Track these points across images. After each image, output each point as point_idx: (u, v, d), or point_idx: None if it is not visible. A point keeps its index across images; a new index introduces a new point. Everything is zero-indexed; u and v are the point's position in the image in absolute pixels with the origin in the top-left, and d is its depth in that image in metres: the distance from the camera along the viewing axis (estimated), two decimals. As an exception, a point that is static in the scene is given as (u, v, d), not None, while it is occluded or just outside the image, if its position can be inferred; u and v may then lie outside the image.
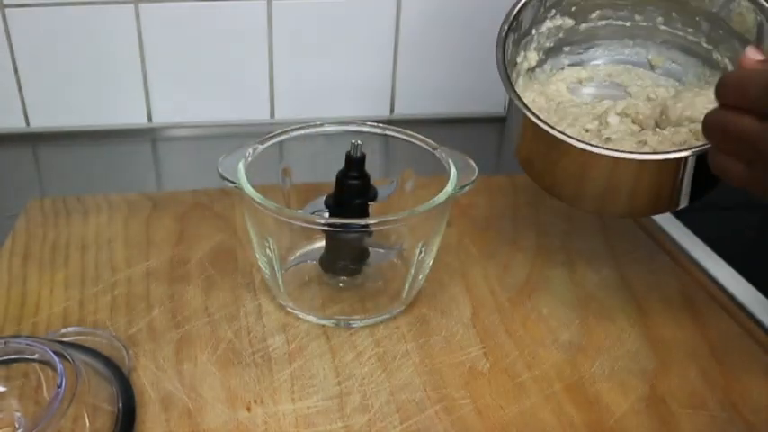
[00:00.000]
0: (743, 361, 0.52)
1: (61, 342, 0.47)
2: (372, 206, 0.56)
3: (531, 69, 0.62)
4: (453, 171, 0.54)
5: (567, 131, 0.52)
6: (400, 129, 0.59)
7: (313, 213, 0.56)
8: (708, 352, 0.53)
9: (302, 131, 0.59)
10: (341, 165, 0.55)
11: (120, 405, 0.45)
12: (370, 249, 0.58)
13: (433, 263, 0.56)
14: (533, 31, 0.60)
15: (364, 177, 0.55)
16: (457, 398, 0.49)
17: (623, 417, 0.48)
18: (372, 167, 0.56)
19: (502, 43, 0.56)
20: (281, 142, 0.58)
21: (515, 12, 0.57)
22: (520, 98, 0.54)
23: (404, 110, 0.90)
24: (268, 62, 0.85)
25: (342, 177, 0.55)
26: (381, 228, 0.54)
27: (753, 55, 0.43)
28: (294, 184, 0.61)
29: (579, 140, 0.50)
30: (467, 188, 0.53)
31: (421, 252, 0.54)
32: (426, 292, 0.58)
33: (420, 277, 0.56)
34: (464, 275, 0.61)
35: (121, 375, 0.47)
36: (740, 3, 0.54)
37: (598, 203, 0.55)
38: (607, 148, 0.50)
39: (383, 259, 0.60)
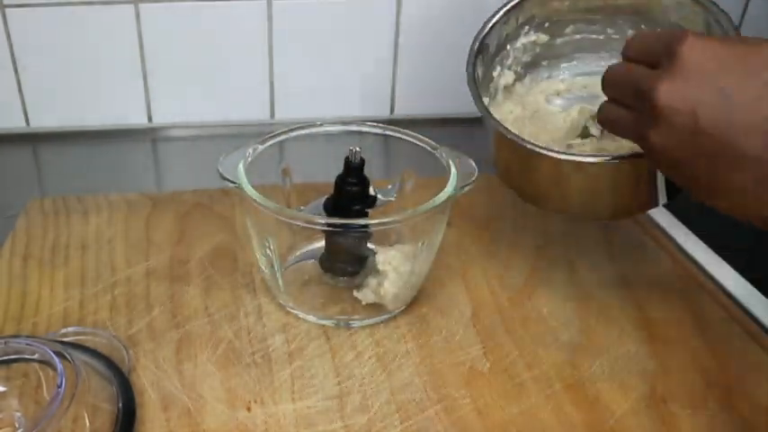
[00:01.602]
0: (743, 361, 0.52)
1: (61, 342, 0.47)
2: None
3: (511, 85, 0.64)
4: (453, 171, 0.54)
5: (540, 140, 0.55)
6: (400, 129, 0.59)
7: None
8: (708, 352, 0.53)
9: (302, 131, 0.59)
10: (341, 165, 0.55)
11: (120, 405, 0.45)
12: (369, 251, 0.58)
13: (433, 263, 0.56)
14: (508, 47, 0.63)
15: (363, 183, 0.55)
16: (457, 398, 0.49)
17: (623, 417, 0.48)
18: (372, 168, 0.56)
19: (473, 60, 0.59)
20: (281, 142, 0.58)
21: (486, 29, 0.60)
22: (488, 111, 0.56)
23: (404, 110, 0.90)
24: (268, 62, 0.85)
25: (340, 183, 0.55)
26: (381, 228, 0.54)
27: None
28: (294, 184, 0.61)
29: (547, 149, 0.52)
30: (467, 188, 0.53)
31: (421, 251, 0.54)
32: (426, 292, 0.58)
33: (421, 277, 0.56)
34: (464, 275, 0.61)
35: (121, 375, 0.47)
36: (692, 8, 0.56)
37: (579, 208, 0.56)
38: (575, 154, 0.52)
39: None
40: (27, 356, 0.45)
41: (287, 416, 0.47)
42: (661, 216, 0.70)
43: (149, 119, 0.87)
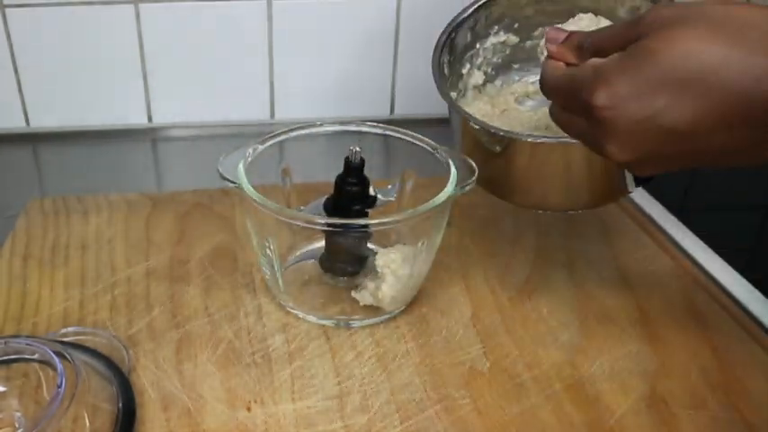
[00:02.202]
0: (743, 361, 0.52)
1: (61, 342, 0.47)
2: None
3: (482, 85, 0.65)
4: (453, 171, 0.54)
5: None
6: (400, 129, 0.59)
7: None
8: (708, 352, 0.53)
9: (302, 131, 0.59)
10: (341, 165, 0.55)
11: (120, 405, 0.45)
12: (369, 251, 0.58)
13: (433, 263, 0.56)
14: (478, 45, 0.64)
15: (363, 183, 0.55)
16: (457, 398, 0.49)
17: (623, 417, 0.48)
18: (372, 168, 0.56)
19: (438, 55, 0.59)
20: (281, 142, 0.58)
21: (454, 25, 0.61)
22: (454, 102, 0.57)
23: (404, 110, 0.90)
24: (268, 62, 0.85)
25: (340, 183, 0.55)
26: (381, 228, 0.54)
27: (555, 34, 0.45)
28: (294, 184, 0.61)
29: (509, 131, 0.53)
30: (467, 188, 0.53)
31: (421, 252, 0.54)
32: (426, 292, 0.58)
33: (421, 277, 0.56)
34: (464, 275, 0.61)
35: (121, 375, 0.47)
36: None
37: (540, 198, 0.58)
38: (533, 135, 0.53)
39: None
40: (27, 356, 0.45)
41: (287, 416, 0.47)
42: (661, 216, 0.70)
43: (149, 119, 0.87)
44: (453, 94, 0.60)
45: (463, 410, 0.48)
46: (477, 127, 0.54)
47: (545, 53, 0.46)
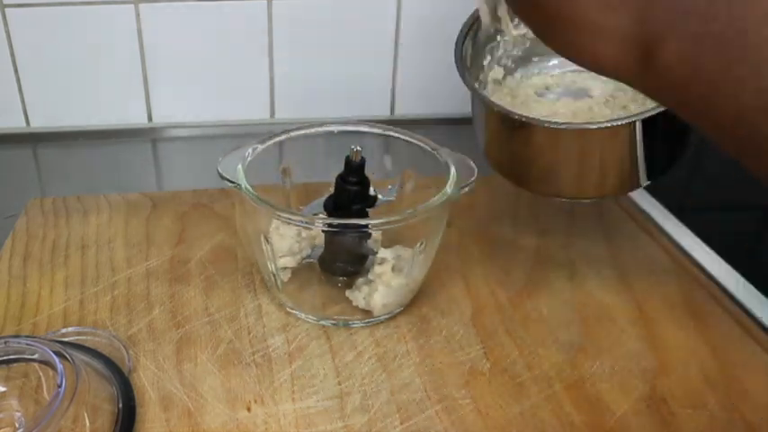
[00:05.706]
0: (743, 361, 0.52)
1: (61, 342, 0.46)
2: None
3: (502, 78, 0.65)
4: (453, 171, 0.54)
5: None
6: (400, 129, 0.59)
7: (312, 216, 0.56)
8: (708, 352, 0.53)
9: (302, 131, 0.59)
10: (341, 165, 0.55)
11: (120, 405, 0.45)
12: (369, 250, 0.58)
13: (433, 263, 0.56)
14: (498, 37, 0.63)
15: (364, 183, 0.55)
16: (457, 398, 0.49)
17: (623, 417, 0.48)
18: (373, 168, 0.56)
19: (461, 42, 0.59)
20: (281, 142, 0.58)
21: (477, 14, 0.61)
22: (476, 88, 0.57)
23: (404, 110, 0.90)
24: (268, 62, 0.85)
25: (341, 182, 0.55)
26: (381, 228, 0.54)
27: None
28: (294, 184, 0.61)
29: (532, 118, 0.53)
30: (467, 188, 0.53)
31: (419, 255, 0.54)
32: (426, 292, 0.58)
33: (420, 277, 0.56)
34: (464, 275, 0.61)
35: (121, 375, 0.47)
36: None
37: (555, 184, 0.58)
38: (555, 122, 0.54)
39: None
40: (27, 356, 0.45)
41: (287, 416, 0.47)
42: (662, 216, 0.70)
43: (149, 119, 0.87)
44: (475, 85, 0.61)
45: (463, 410, 0.48)
46: (499, 112, 0.54)
47: None
